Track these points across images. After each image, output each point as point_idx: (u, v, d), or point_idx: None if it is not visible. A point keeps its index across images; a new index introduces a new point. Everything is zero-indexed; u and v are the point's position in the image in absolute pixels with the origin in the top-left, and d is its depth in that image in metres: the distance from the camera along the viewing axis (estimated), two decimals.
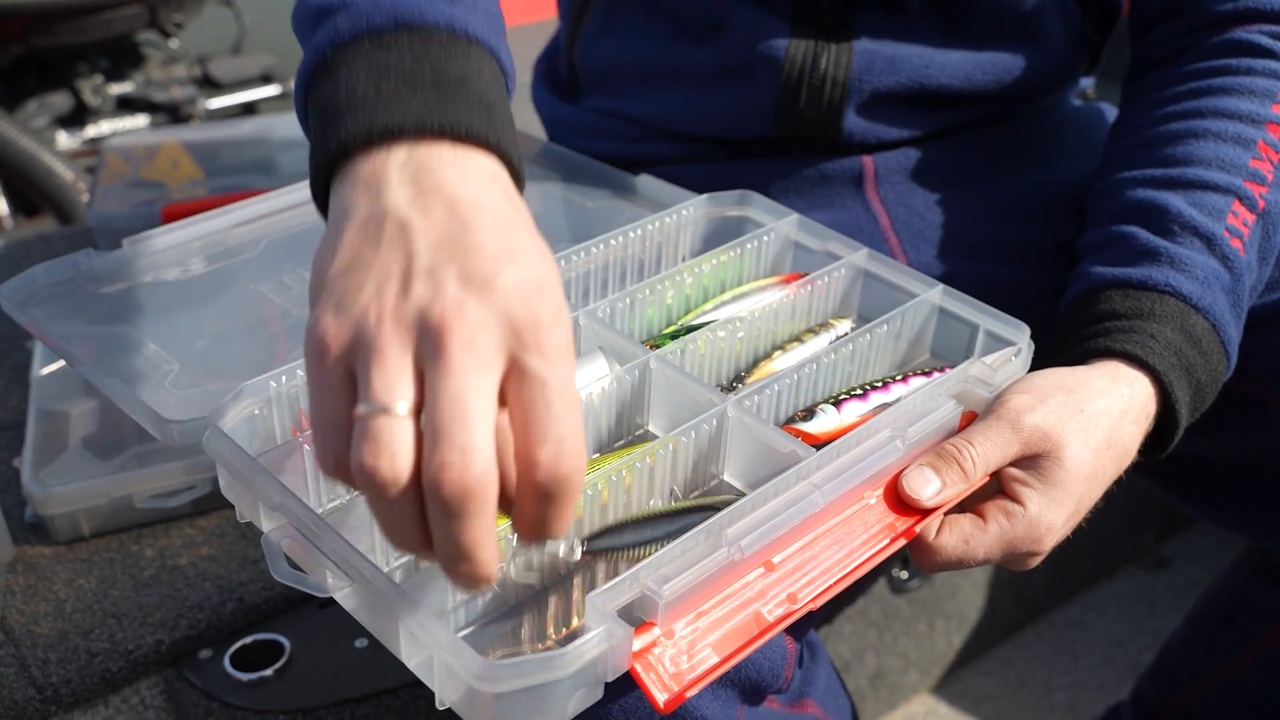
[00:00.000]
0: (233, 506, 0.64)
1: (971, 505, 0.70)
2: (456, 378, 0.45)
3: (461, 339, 0.46)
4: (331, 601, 0.58)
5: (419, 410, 0.47)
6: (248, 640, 0.95)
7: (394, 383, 0.46)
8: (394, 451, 0.46)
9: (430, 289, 0.47)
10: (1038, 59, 0.94)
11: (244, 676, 0.93)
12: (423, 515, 0.47)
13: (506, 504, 0.50)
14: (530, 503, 0.48)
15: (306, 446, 0.64)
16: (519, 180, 0.57)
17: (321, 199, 0.56)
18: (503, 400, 0.48)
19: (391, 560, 0.64)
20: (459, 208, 0.50)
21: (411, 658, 0.56)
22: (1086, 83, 1.08)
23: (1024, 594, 1.55)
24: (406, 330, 0.47)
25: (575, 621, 0.63)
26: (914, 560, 0.69)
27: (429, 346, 0.46)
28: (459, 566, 0.48)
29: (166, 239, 0.85)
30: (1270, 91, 0.81)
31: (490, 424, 0.46)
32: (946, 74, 0.91)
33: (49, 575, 0.98)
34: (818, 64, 0.89)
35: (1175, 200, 0.78)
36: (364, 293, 0.48)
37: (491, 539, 0.47)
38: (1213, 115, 0.81)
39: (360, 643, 0.96)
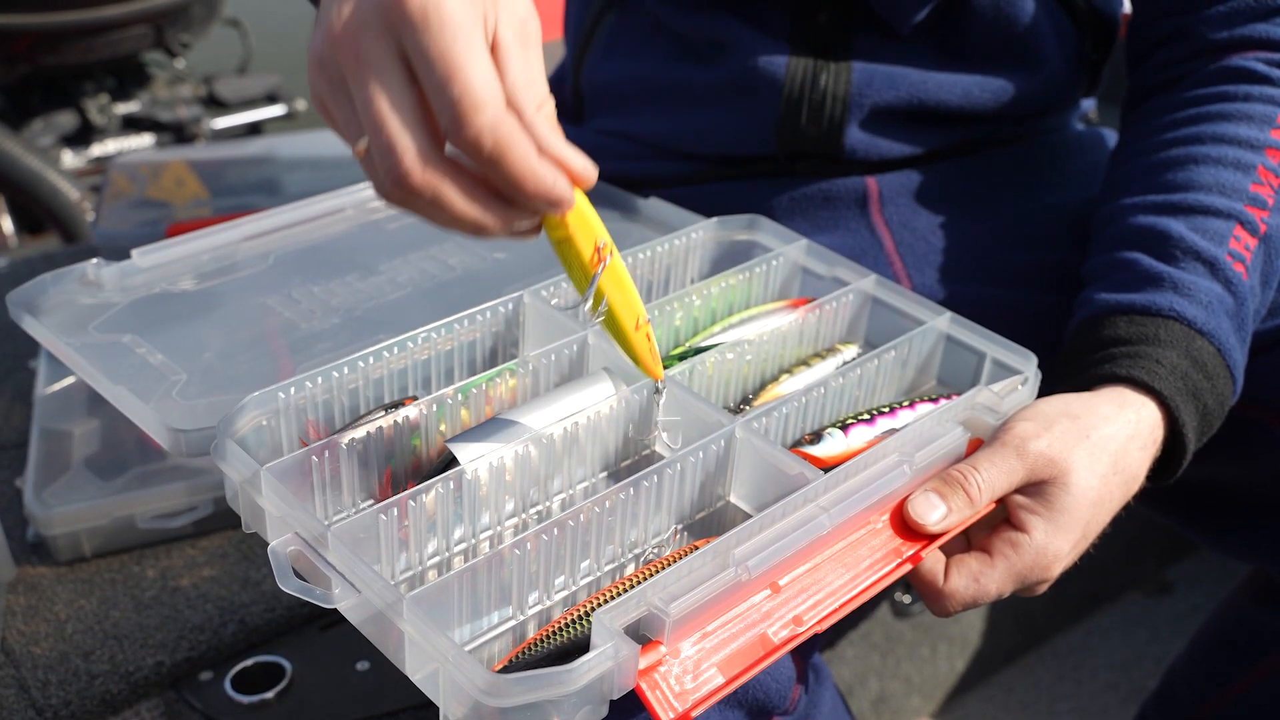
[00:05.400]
0: (235, 527, 0.64)
1: (977, 535, 0.70)
2: (364, 88, 0.50)
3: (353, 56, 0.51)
4: (333, 623, 0.58)
5: None
6: (249, 662, 0.95)
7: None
8: None
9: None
10: (1036, 78, 0.95)
11: (244, 699, 0.92)
12: None
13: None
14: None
15: (314, 458, 0.64)
16: None
17: None
18: None
19: (398, 573, 0.64)
20: None
21: (417, 671, 0.56)
22: (1088, 106, 1.08)
23: (1026, 619, 1.55)
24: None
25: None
26: (929, 608, 0.69)
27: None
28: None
29: (175, 251, 0.85)
30: (1268, 117, 0.82)
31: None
32: (945, 90, 0.92)
33: (50, 596, 0.98)
34: (818, 81, 0.90)
35: (1177, 226, 0.78)
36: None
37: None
38: (1212, 141, 0.82)
39: (361, 665, 0.95)
